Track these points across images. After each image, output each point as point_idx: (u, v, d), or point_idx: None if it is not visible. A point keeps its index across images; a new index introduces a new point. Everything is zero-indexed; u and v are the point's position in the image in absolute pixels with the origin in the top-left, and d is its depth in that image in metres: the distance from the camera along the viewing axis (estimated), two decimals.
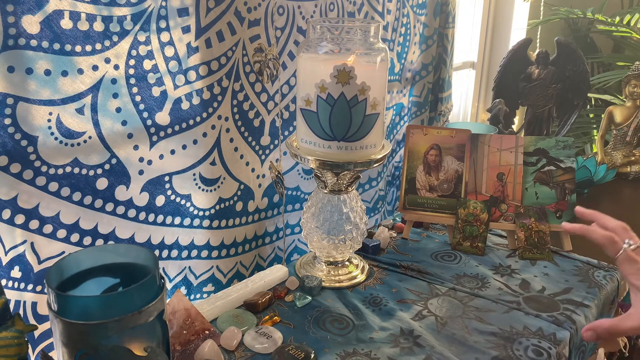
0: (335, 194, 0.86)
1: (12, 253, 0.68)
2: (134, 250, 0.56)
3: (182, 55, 0.80)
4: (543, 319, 0.80)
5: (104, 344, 0.49)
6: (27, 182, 0.68)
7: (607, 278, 0.92)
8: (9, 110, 0.64)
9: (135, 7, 0.73)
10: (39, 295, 0.72)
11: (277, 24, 0.94)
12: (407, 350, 0.72)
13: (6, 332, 0.54)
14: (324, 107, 0.77)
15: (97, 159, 0.74)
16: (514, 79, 1.51)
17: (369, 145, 0.80)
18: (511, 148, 1.03)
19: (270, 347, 0.72)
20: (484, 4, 1.78)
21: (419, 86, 1.35)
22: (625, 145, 1.49)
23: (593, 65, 2.25)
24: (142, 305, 0.50)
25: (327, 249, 0.88)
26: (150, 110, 0.78)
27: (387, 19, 1.17)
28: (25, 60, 0.65)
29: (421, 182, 1.04)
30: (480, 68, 1.86)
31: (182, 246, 0.89)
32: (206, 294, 0.94)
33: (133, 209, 0.80)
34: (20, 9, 0.63)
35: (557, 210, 1.01)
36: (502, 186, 1.02)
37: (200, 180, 0.88)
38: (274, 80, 0.95)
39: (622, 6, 2.32)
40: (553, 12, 2.01)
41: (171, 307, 0.72)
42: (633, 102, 1.47)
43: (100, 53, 0.71)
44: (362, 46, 0.78)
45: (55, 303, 0.49)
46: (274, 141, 0.99)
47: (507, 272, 0.93)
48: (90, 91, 0.71)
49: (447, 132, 1.04)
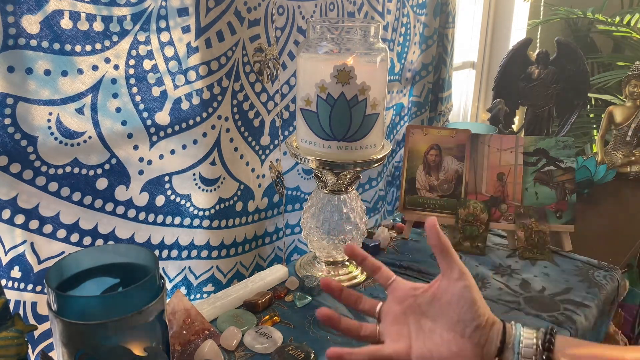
0: (335, 194, 0.86)
1: (12, 253, 0.68)
2: (134, 250, 0.56)
3: (182, 55, 0.80)
4: (543, 319, 0.80)
5: (104, 344, 0.49)
6: (27, 182, 0.68)
7: (607, 278, 0.92)
8: (8, 110, 0.64)
9: (135, 7, 0.73)
10: (38, 295, 0.72)
11: (277, 24, 0.94)
12: None
13: (6, 332, 0.54)
14: (324, 107, 0.77)
15: (97, 159, 0.74)
16: (514, 79, 1.51)
17: (369, 145, 0.80)
18: (511, 148, 1.03)
19: (270, 347, 0.72)
20: (484, 4, 1.77)
21: (419, 86, 1.35)
22: (625, 145, 1.49)
23: (593, 65, 2.24)
24: (142, 305, 0.50)
25: (327, 249, 0.88)
26: (150, 110, 0.78)
27: (387, 19, 1.17)
28: (25, 60, 0.65)
29: (421, 182, 1.04)
30: (480, 68, 1.86)
31: (182, 246, 0.89)
32: (206, 294, 0.94)
33: (133, 209, 0.80)
34: (20, 9, 0.63)
35: (557, 210, 1.01)
36: (502, 186, 1.02)
37: (200, 180, 0.88)
38: (274, 80, 0.95)
39: (622, 6, 2.32)
40: (553, 12, 2.01)
41: (171, 307, 0.72)
42: (633, 102, 1.47)
43: (100, 53, 0.71)
44: (362, 46, 0.78)
45: (55, 303, 0.49)
46: (274, 141, 0.99)
47: (507, 272, 0.93)
48: (90, 91, 0.71)
49: (447, 132, 1.04)
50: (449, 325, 0.54)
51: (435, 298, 0.55)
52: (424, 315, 0.56)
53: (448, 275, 0.54)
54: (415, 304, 0.57)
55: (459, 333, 0.53)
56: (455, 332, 0.53)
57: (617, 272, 0.94)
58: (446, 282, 0.55)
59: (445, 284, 0.55)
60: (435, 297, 0.55)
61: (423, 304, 0.56)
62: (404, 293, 0.58)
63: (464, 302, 0.53)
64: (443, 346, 0.53)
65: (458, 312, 0.53)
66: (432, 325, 0.55)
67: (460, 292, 0.53)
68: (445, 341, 0.53)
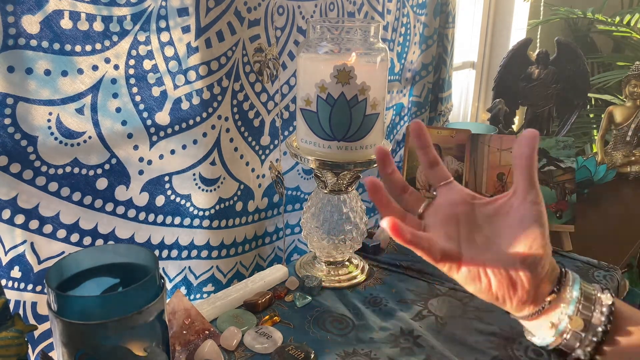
0: (335, 194, 0.86)
1: (12, 253, 0.68)
2: (134, 250, 0.56)
3: (182, 55, 0.80)
4: None
5: (104, 344, 0.49)
6: (27, 182, 0.68)
7: (607, 278, 0.92)
8: (8, 110, 0.64)
9: (135, 7, 0.73)
10: (38, 295, 0.72)
11: (277, 24, 0.94)
12: (407, 351, 0.72)
13: (6, 332, 0.54)
14: (324, 107, 0.77)
15: (97, 159, 0.74)
16: (514, 79, 1.51)
17: (369, 145, 0.80)
18: (511, 148, 1.03)
19: (270, 347, 0.72)
20: (484, 4, 1.78)
21: (419, 86, 1.35)
22: (625, 145, 1.49)
23: (593, 65, 2.24)
24: (142, 305, 0.50)
25: (327, 249, 0.88)
26: (150, 110, 0.78)
27: (387, 19, 1.17)
28: (25, 60, 0.65)
29: (421, 182, 1.04)
30: (480, 68, 1.86)
31: (182, 246, 0.89)
32: (206, 294, 0.94)
33: (133, 209, 0.80)
34: (20, 9, 0.63)
35: (557, 210, 1.01)
36: (502, 186, 1.02)
37: (200, 180, 0.88)
38: (274, 80, 0.95)
39: (622, 6, 2.32)
40: (553, 12, 2.01)
41: (171, 307, 0.72)
42: (633, 102, 1.47)
43: (100, 53, 0.71)
44: (362, 46, 0.78)
45: (55, 303, 0.49)
46: (274, 141, 0.99)
47: None
48: (90, 91, 0.71)
49: (447, 132, 1.04)
50: (511, 245, 0.46)
51: (498, 214, 0.48)
52: (479, 228, 0.49)
53: (523, 195, 0.46)
54: (472, 213, 0.50)
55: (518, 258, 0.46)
56: (515, 256, 0.46)
57: (617, 272, 0.94)
58: (518, 201, 0.47)
59: (516, 202, 0.47)
60: (498, 213, 0.48)
61: (482, 216, 0.49)
62: (460, 197, 0.51)
63: (535, 227, 0.45)
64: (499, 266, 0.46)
65: (525, 236, 0.46)
66: (487, 240, 0.48)
67: (534, 215, 0.46)
68: (502, 261, 0.47)
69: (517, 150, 0.47)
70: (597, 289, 0.48)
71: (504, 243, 0.47)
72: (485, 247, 0.48)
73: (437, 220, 0.50)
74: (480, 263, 0.47)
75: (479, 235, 0.49)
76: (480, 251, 0.48)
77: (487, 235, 0.48)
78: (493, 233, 0.48)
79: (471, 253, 0.48)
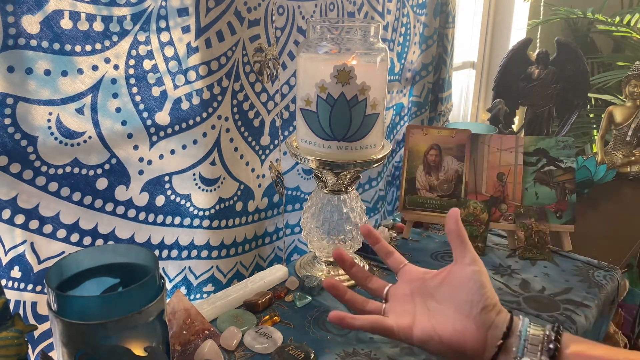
0: (335, 194, 0.86)
1: (12, 253, 0.68)
2: (134, 250, 0.56)
3: (182, 55, 0.80)
4: (543, 319, 0.80)
5: (104, 344, 0.49)
6: (27, 182, 0.68)
7: (607, 278, 0.92)
8: (8, 110, 0.64)
9: (135, 7, 0.73)
10: (38, 295, 0.72)
11: (277, 24, 0.94)
12: (407, 351, 0.72)
13: (6, 332, 0.54)
14: (324, 107, 0.77)
15: (97, 159, 0.74)
16: (514, 79, 1.51)
17: (369, 145, 0.80)
18: (511, 148, 1.03)
19: (270, 347, 0.72)
20: (484, 4, 1.78)
21: (419, 86, 1.35)
22: (625, 145, 1.49)
23: (593, 65, 2.25)
24: (142, 305, 0.50)
25: (327, 249, 0.88)
26: (150, 110, 0.78)
27: (387, 19, 1.17)
28: (25, 60, 0.65)
29: (421, 182, 1.04)
30: (480, 68, 1.86)
31: (182, 246, 0.89)
32: (206, 294, 0.94)
33: (133, 209, 0.80)
34: (20, 9, 0.63)
35: (557, 210, 1.01)
36: (502, 186, 1.02)
37: (200, 180, 0.88)
38: (274, 80, 0.95)
39: (622, 6, 2.32)
40: (553, 12, 2.01)
41: (171, 307, 0.72)
42: (633, 102, 1.47)
43: (100, 53, 0.71)
44: (362, 46, 0.78)
45: (55, 303, 0.49)
46: (274, 141, 0.99)
47: (507, 272, 0.93)
48: (90, 91, 0.71)
49: (447, 132, 1.04)
50: (456, 305, 0.55)
51: (445, 282, 0.57)
52: (431, 296, 0.58)
53: (460, 261, 0.56)
54: (424, 286, 0.59)
55: (464, 313, 0.54)
56: (461, 312, 0.54)
57: (617, 272, 0.94)
58: (458, 267, 0.56)
59: (456, 269, 0.56)
60: (445, 281, 0.57)
61: (432, 287, 0.58)
62: (414, 276, 0.60)
63: (473, 284, 0.54)
64: (447, 324, 0.54)
65: (466, 293, 0.54)
66: (438, 305, 0.56)
67: (471, 275, 0.55)
68: (450, 319, 0.54)
69: (446, 228, 0.58)
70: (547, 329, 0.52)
71: (450, 305, 0.55)
72: (437, 310, 0.56)
73: (394, 300, 0.61)
74: (430, 326, 0.55)
75: (432, 301, 0.57)
76: (432, 314, 0.56)
77: (440, 300, 0.57)
78: (443, 297, 0.57)
79: (423, 319, 0.56)
